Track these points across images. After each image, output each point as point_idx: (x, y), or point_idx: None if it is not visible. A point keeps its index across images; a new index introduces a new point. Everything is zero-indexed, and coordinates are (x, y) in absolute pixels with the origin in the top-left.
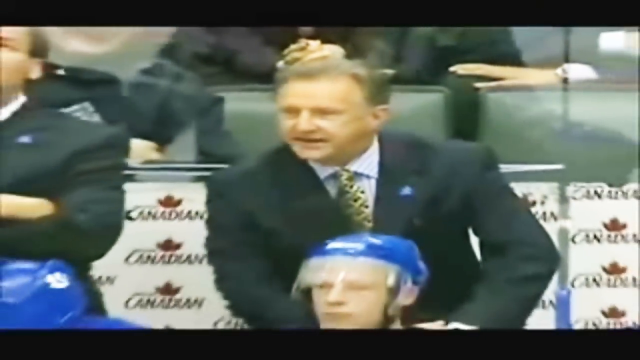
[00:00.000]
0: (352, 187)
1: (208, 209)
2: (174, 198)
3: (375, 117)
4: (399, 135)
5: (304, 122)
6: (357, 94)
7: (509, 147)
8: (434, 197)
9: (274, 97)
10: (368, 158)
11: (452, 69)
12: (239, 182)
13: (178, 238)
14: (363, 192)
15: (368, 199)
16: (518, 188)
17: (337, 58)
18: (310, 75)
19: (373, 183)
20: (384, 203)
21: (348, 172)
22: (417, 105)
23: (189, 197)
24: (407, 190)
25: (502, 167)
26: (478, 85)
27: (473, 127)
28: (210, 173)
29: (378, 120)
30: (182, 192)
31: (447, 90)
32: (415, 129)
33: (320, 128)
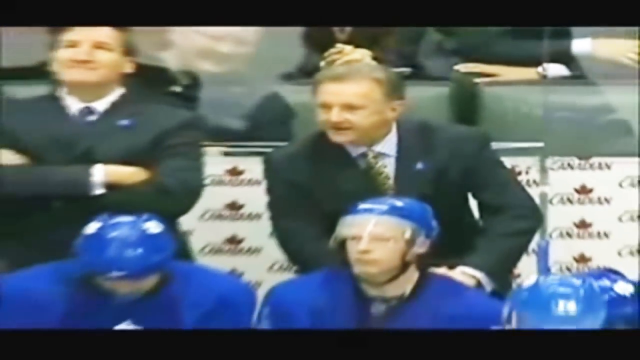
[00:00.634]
0: (377, 163)
1: (266, 180)
2: (238, 168)
3: (393, 110)
4: (413, 122)
5: (335, 115)
6: (377, 93)
7: (501, 129)
8: (441, 169)
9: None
10: (389, 141)
11: (456, 68)
12: (290, 158)
13: (241, 200)
14: (386, 167)
15: (390, 172)
16: (508, 161)
17: (362, 64)
18: (340, 79)
19: (393, 160)
20: (402, 175)
21: (373, 152)
22: (427, 97)
23: (250, 168)
24: (419, 165)
25: (495, 145)
26: (477, 80)
27: (472, 114)
28: (268, 150)
29: (395, 112)
30: (244, 164)
31: (451, 84)
32: (426, 116)
33: (348, 120)
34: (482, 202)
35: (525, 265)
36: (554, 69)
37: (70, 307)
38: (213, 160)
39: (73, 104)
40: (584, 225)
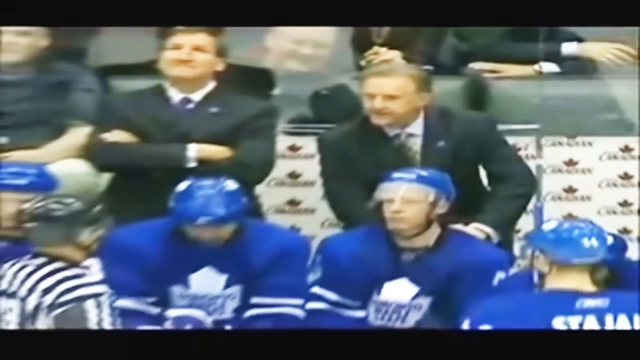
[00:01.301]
0: (408, 141)
1: (319, 154)
2: (296, 145)
3: (422, 99)
4: (435, 109)
5: (378, 103)
6: (411, 86)
7: (505, 114)
8: (458, 146)
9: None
10: (417, 124)
11: (470, 65)
12: (340, 137)
13: (299, 171)
14: (414, 144)
15: (417, 149)
16: (510, 140)
17: (398, 62)
18: (382, 74)
19: (420, 139)
20: (427, 151)
21: (405, 133)
22: (447, 89)
23: (306, 145)
24: (440, 143)
25: (500, 127)
26: (487, 76)
27: (483, 102)
28: (321, 131)
29: (423, 101)
30: (301, 142)
31: (466, 79)
32: (446, 104)
33: (387, 107)
34: (490, 172)
35: (525, 223)
36: (548, 66)
37: (163, 256)
38: (278, 139)
39: (175, 95)
40: (571, 191)
